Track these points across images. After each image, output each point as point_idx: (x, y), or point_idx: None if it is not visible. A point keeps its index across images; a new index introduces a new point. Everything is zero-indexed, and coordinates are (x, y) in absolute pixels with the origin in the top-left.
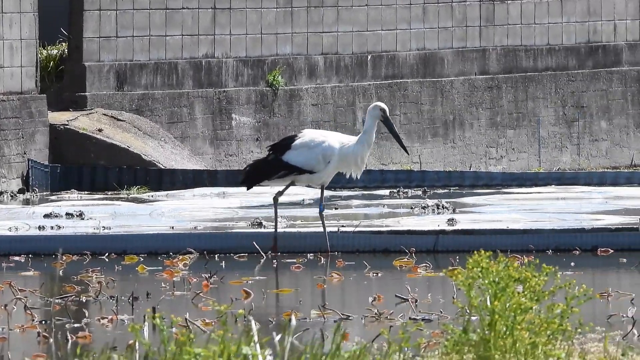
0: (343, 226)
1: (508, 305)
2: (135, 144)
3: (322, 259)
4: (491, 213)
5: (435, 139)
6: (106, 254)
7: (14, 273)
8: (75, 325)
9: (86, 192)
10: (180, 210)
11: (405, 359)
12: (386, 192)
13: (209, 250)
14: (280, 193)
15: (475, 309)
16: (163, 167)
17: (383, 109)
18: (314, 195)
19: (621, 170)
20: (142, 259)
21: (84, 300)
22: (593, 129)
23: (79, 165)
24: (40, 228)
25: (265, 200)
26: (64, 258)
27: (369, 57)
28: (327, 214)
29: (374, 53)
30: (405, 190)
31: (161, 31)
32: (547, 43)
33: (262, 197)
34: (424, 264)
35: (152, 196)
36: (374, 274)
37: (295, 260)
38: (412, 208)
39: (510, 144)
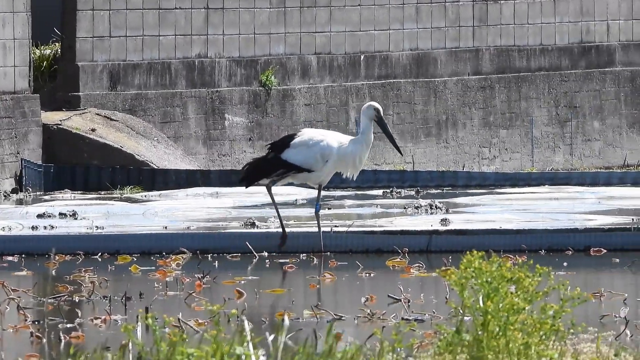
0: (336, 226)
1: (501, 305)
2: (129, 143)
3: (315, 259)
4: (484, 213)
5: (428, 139)
6: (99, 254)
7: (7, 273)
8: (68, 325)
9: (79, 192)
10: (173, 210)
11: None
12: (379, 192)
13: (202, 250)
14: (273, 182)
15: (468, 309)
16: (156, 167)
17: (377, 109)
18: (307, 195)
19: (614, 171)
20: (135, 259)
21: (77, 300)
22: (586, 129)
23: (72, 165)
24: (33, 228)
25: (259, 200)
26: (57, 258)
27: (362, 57)
28: (321, 213)
29: (367, 53)
30: (399, 190)
31: (154, 31)
32: (540, 43)
33: (256, 197)
34: (417, 264)
35: (145, 196)
36: (367, 274)
37: (288, 260)
38: (405, 208)
39: (503, 144)
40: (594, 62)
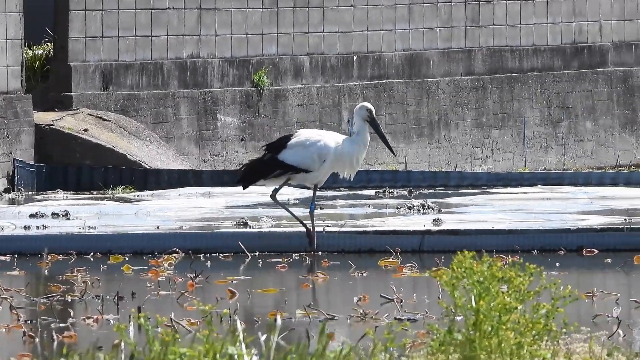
0: (328, 226)
1: (493, 305)
2: (121, 144)
3: (308, 258)
4: (476, 213)
5: (420, 139)
6: (91, 254)
7: (0, 273)
8: (61, 325)
9: (72, 192)
10: (165, 210)
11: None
12: (372, 192)
13: (195, 249)
14: (276, 190)
15: (460, 309)
16: (148, 167)
17: (370, 110)
18: (299, 195)
19: (606, 171)
20: (128, 259)
21: (70, 300)
22: (578, 130)
23: (64, 165)
24: (25, 228)
25: (251, 200)
26: (50, 258)
27: (355, 58)
28: (315, 213)
29: (360, 53)
30: (391, 190)
31: (147, 31)
32: (533, 43)
33: (247, 197)
34: (410, 264)
35: (138, 196)
36: (360, 274)
37: (280, 260)
38: (398, 208)
39: (495, 144)
40: (587, 63)
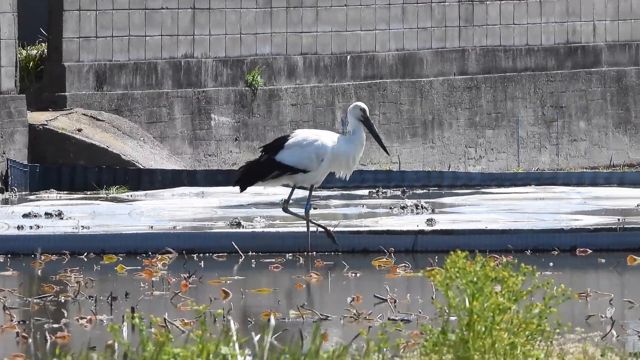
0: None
1: (486, 305)
2: (115, 144)
3: (301, 258)
4: (470, 213)
5: (414, 139)
6: (85, 254)
7: None
8: (54, 325)
9: (65, 192)
10: (159, 209)
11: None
12: (365, 192)
13: (188, 250)
14: (286, 202)
15: (453, 309)
16: (142, 167)
17: (363, 109)
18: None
19: (600, 171)
20: (121, 259)
21: (63, 300)
22: (572, 129)
23: (58, 165)
24: (19, 228)
25: (244, 199)
26: (43, 258)
27: (348, 58)
28: (310, 213)
29: (353, 53)
30: (384, 190)
31: (140, 31)
32: (526, 43)
33: (241, 197)
34: (403, 264)
35: (131, 196)
36: (353, 274)
37: (274, 260)
38: (391, 208)
39: (489, 144)
40: (580, 62)
